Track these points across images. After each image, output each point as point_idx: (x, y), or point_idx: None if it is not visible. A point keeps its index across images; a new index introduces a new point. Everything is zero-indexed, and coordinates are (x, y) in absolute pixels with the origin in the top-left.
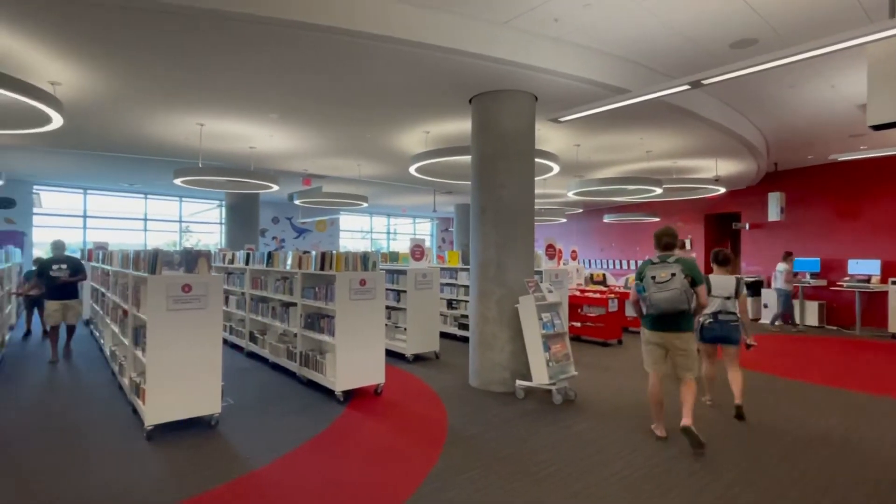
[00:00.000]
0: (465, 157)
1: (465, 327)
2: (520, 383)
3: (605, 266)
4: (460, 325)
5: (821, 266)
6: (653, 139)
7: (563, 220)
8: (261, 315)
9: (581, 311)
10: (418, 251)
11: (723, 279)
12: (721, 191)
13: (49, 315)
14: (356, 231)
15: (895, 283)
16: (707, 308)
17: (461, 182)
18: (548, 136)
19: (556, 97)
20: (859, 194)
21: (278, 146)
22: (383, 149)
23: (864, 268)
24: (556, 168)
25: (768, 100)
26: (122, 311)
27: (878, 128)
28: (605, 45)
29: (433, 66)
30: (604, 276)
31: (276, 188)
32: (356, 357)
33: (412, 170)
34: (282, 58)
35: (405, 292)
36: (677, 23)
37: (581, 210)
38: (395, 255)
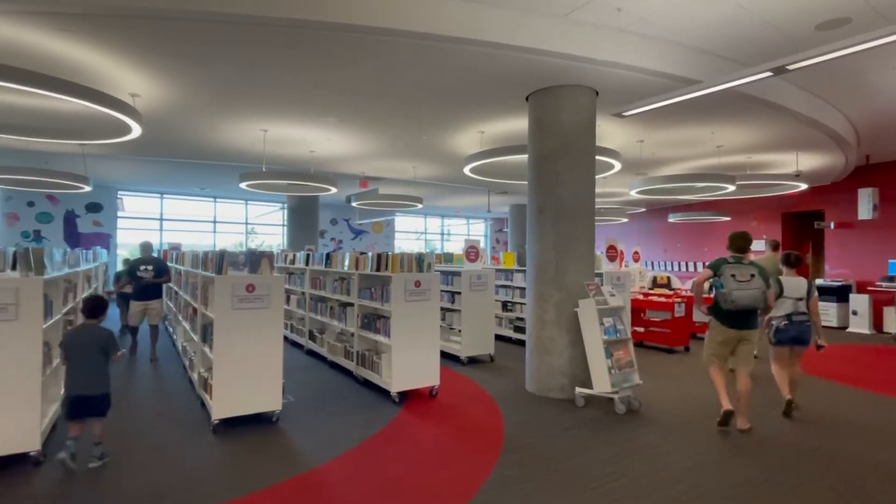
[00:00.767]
0: (521, 157)
1: (520, 330)
2: (580, 390)
3: (670, 268)
4: (516, 328)
5: None
6: (725, 133)
7: (625, 220)
8: (320, 314)
9: (644, 316)
10: (473, 252)
11: (794, 281)
12: (802, 187)
13: (132, 315)
14: (410, 232)
15: None
16: (779, 310)
17: (517, 182)
18: (609, 132)
19: (618, 91)
20: None
21: (336, 149)
22: (438, 150)
23: None
24: (617, 165)
25: (864, 85)
26: (192, 308)
27: None
28: (673, 34)
29: (489, 64)
30: (668, 278)
31: (334, 190)
32: (411, 358)
33: (467, 170)
34: (340, 62)
35: (459, 294)
36: (754, 4)
37: (643, 209)
38: (449, 257)
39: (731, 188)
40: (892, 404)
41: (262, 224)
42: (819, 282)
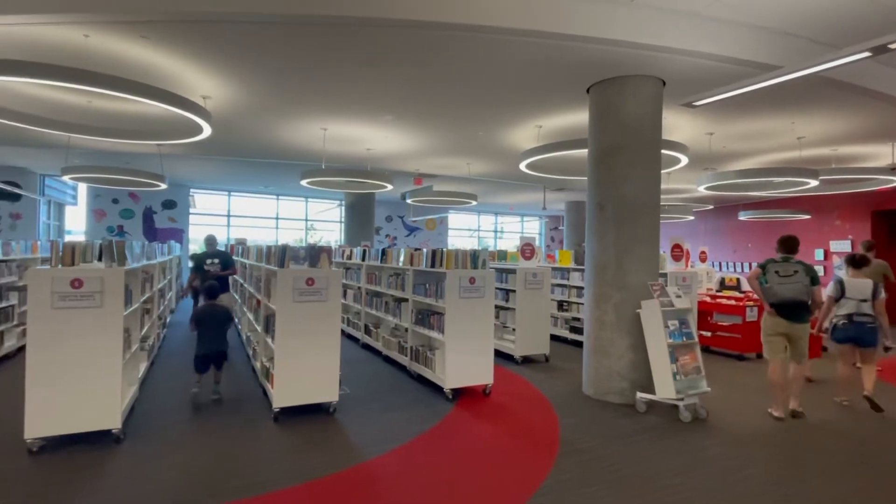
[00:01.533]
0: (580, 151)
1: (576, 331)
2: (641, 395)
3: (740, 269)
4: (572, 329)
5: None
6: (808, 123)
7: (690, 218)
8: (375, 309)
9: (711, 320)
10: (529, 249)
11: (858, 282)
12: None
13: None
14: (463, 229)
15: None
16: (841, 310)
17: (574, 178)
18: (674, 124)
19: (687, 80)
20: None
21: (393, 147)
22: (494, 146)
23: None
24: (683, 160)
25: None
26: (255, 300)
27: None
28: (750, 17)
29: (550, 56)
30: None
31: (390, 187)
32: (465, 355)
33: (523, 166)
34: (398, 58)
35: (514, 292)
36: None
37: (711, 206)
38: (502, 254)
39: (814, 183)
40: None
41: (321, 221)
42: None
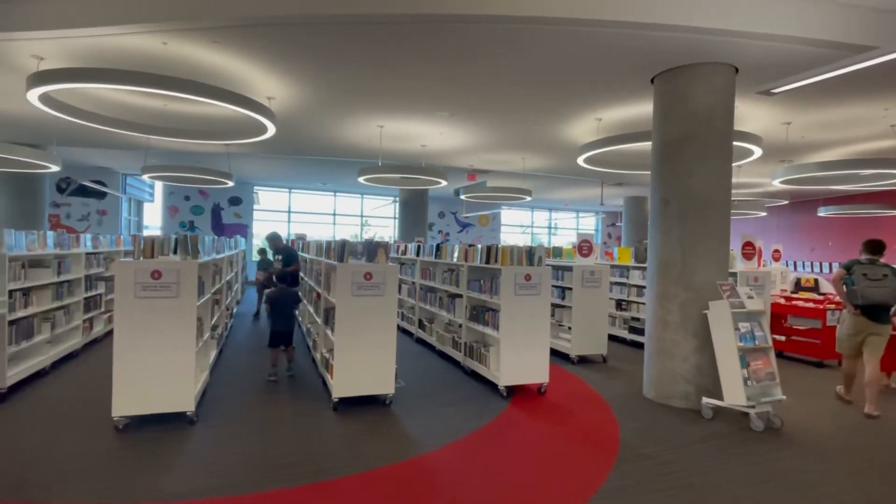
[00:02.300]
0: (642, 144)
1: (636, 331)
2: (707, 401)
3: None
4: (631, 329)
5: None
6: None
7: (762, 214)
8: (429, 304)
9: (786, 323)
10: (586, 246)
11: None
12: None
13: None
14: (516, 226)
15: None
16: None
17: (635, 172)
18: (747, 114)
19: (763, 66)
20: None
21: (447, 143)
22: (551, 140)
23: None
24: (757, 152)
25: None
26: (315, 293)
27: None
28: None
29: (611, 46)
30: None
31: (444, 183)
32: (520, 353)
33: (581, 160)
34: (455, 53)
35: (570, 290)
36: None
37: (786, 202)
38: (558, 251)
39: None
40: None
41: (376, 217)
42: None
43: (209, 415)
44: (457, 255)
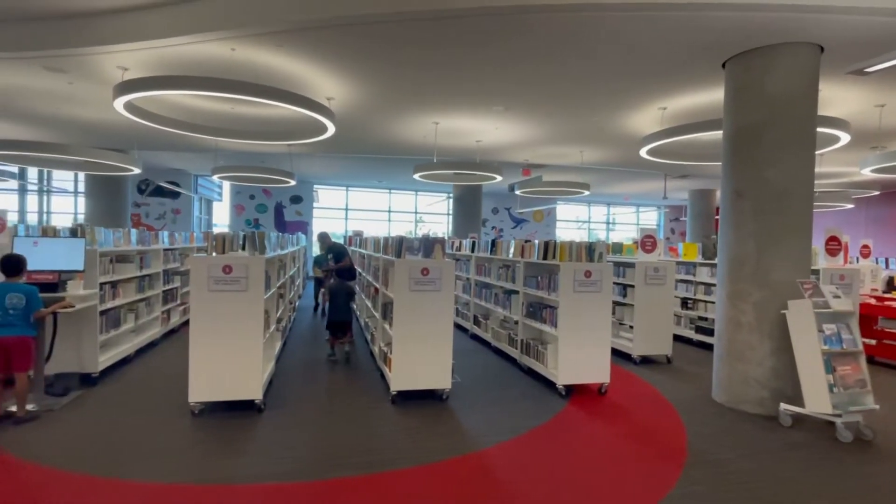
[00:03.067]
0: (711, 134)
1: (703, 331)
2: (786, 407)
3: None
4: (698, 329)
5: None
6: None
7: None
8: (484, 300)
9: (877, 326)
10: (650, 242)
11: None
12: None
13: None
14: (571, 221)
15: None
16: None
17: (701, 163)
18: (832, 96)
19: (853, 43)
20: None
21: (502, 138)
22: (610, 132)
23: None
24: (844, 138)
25: None
26: (373, 288)
27: None
28: None
29: (679, 29)
30: None
31: (499, 178)
32: (579, 351)
33: (643, 152)
34: (510, 47)
35: (632, 287)
36: None
37: (876, 192)
38: (618, 246)
39: None
40: None
41: (430, 213)
42: None
43: (275, 404)
44: (513, 250)
